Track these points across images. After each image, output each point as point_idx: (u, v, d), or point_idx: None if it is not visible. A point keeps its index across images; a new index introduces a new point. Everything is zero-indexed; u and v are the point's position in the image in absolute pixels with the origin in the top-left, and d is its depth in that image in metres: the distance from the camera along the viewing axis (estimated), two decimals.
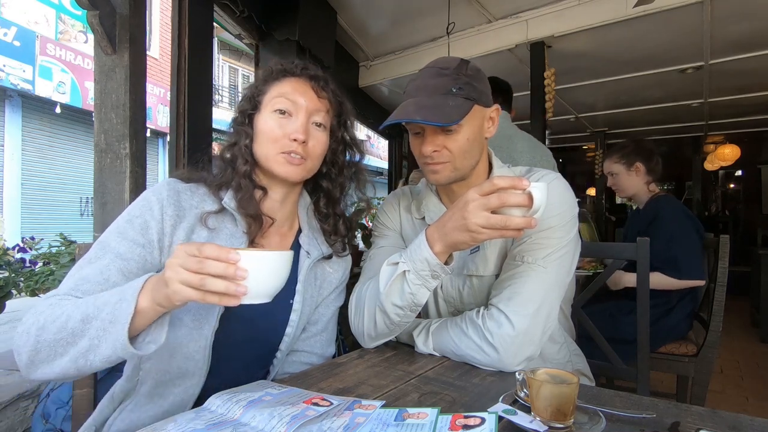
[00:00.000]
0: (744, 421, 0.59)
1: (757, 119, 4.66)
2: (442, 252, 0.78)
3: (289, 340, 0.87)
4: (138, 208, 0.78)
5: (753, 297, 4.33)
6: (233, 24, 2.36)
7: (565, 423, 0.56)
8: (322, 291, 0.95)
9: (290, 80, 0.86)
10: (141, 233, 0.76)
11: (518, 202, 0.68)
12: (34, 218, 7.24)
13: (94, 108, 1.51)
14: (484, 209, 0.70)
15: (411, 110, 0.83)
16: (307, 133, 0.84)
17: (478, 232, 0.71)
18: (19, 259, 1.68)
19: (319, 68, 0.91)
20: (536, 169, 0.97)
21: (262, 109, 0.86)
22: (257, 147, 0.85)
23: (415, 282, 0.80)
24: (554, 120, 3.16)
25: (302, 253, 0.91)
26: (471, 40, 2.99)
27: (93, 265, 0.72)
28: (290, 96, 0.84)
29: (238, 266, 0.56)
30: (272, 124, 0.83)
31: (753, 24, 2.54)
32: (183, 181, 0.84)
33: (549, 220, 0.87)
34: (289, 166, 0.83)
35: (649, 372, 1.23)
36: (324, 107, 0.88)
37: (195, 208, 0.82)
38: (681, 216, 1.88)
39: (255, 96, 0.87)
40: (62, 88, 7.27)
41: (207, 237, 0.81)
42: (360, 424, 0.57)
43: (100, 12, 1.39)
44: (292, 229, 0.95)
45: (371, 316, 0.89)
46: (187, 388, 0.78)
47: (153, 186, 0.83)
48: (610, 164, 2.12)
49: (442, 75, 0.87)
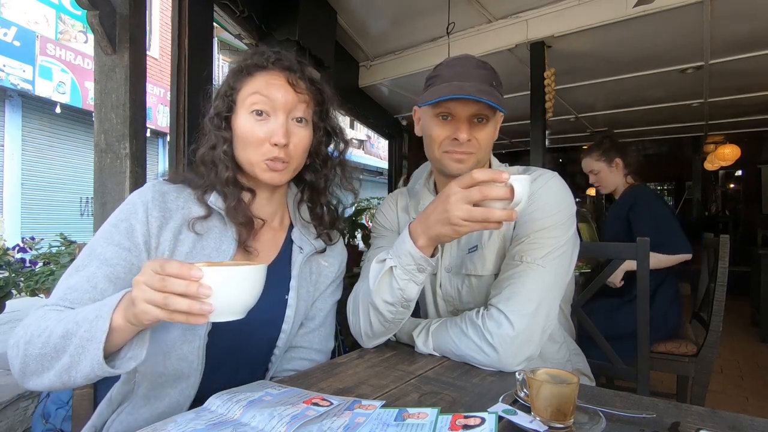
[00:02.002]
0: (744, 421, 0.59)
1: (757, 119, 4.65)
2: (426, 245, 0.79)
3: (286, 336, 0.87)
4: (123, 212, 0.77)
5: (753, 297, 4.33)
6: (233, 24, 2.36)
7: (565, 423, 0.56)
8: (318, 286, 0.94)
9: (263, 75, 0.81)
10: (127, 237, 0.75)
11: (499, 194, 0.69)
12: (34, 218, 7.24)
13: (94, 108, 1.51)
14: (465, 202, 0.70)
15: (471, 90, 0.81)
16: (288, 134, 0.80)
17: (459, 225, 0.72)
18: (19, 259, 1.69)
19: (292, 55, 0.85)
20: (533, 168, 0.97)
21: (238, 110, 0.82)
22: (238, 151, 0.82)
23: (402, 277, 0.81)
24: (554, 120, 3.16)
25: (294, 249, 0.90)
26: (471, 40, 2.98)
27: (80, 273, 0.72)
28: (265, 93, 0.79)
29: (201, 283, 0.53)
30: (250, 127, 0.80)
31: (753, 24, 2.54)
32: (168, 182, 0.83)
33: (547, 220, 0.87)
34: (273, 172, 0.81)
35: (649, 372, 1.23)
36: (303, 100, 0.83)
37: (181, 208, 0.81)
38: (658, 200, 1.99)
39: (228, 95, 0.83)
40: (62, 88, 7.26)
41: (194, 239, 0.80)
42: (360, 424, 0.57)
43: (100, 12, 1.39)
44: (283, 225, 0.94)
45: (366, 315, 0.89)
46: (183, 389, 0.78)
47: (138, 189, 0.82)
48: (590, 162, 2.18)
49: (483, 68, 0.88)
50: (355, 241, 2.83)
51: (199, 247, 0.80)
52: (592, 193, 7.12)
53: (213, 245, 0.81)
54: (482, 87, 0.84)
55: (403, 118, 4.55)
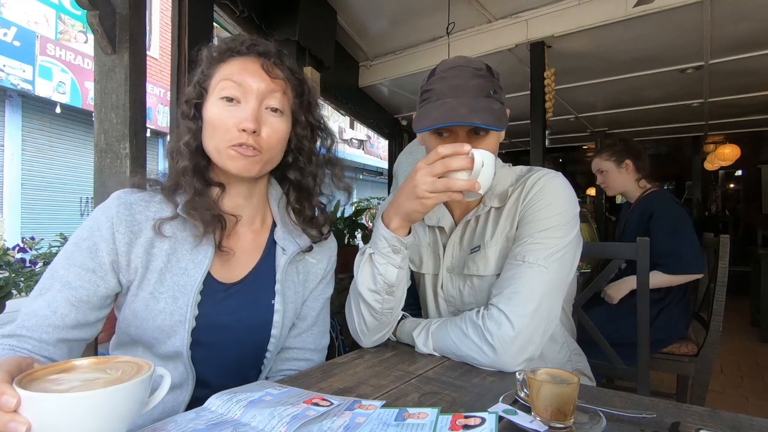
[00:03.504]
0: (744, 421, 0.59)
1: (757, 119, 4.65)
2: (400, 226, 0.83)
3: (276, 340, 0.84)
4: (86, 230, 0.73)
5: (753, 297, 4.33)
6: (233, 24, 2.36)
7: (566, 423, 0.56)
8: (307, 285, 0.90)
9: (237, 60, 0.76)
10: (90, 257, 0.71)
11: (461, 165, 0.73)
12: (34, 218, 7.24)
13: (94, 108, 1.51)
14: (430, 175, 0.75)
15: (464, 112, 0.79)
16: (259, 120, 0.74)
17: (425, 197, 0.76)
18: (19, 259, 1.69)
19: (271, 44, 0.80)
20: (537, 168, 0.96)
21: (209, 97, 0.76)
22: (206, 140, 0.76)
23: (380, 262, 0.84)
24: (554, 120, 3.16)
25: (278, 250, 0.85)
26: (471, 40, 2.98)
27: (42, 297, 0.69)
28: (236, 78, 0.74)
29: (16, 415, 0.42)
30: (218, 112, 0.74)
31: (753, 24, 2.54)
32: (137, 190, 0.78)
33: (550, 220, 0.86)
34: (241, 160, 0.74)
35: (649, 372, 1.23)
36: (279, 88, 0.77)
37: (151, 219, 0.75)
38: (680, 210, 1.91)
39: (200, 82, 0.77)
40: (62, 88, 7.26)
41: (170, 247, 0.75)
42: (360, 424, 0.57)
43: (100, 12, 1.39)
44: (265, 225, 0.88)
45: (358, 309, 0.89)
46: (178, 395, 0.77)
47: (102, 203, 0.76)
48: (600, 161, 2.16)
49: (479, 76, 0.85)
50: (355, 241, 2.82)
51: (174, 260, 0.76)
52: (593, 193, 7.12)
53: (189, 257, 0.76)
54: (477, 103, 0.81)
55: (403, 118, 4.55)
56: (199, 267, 0.77)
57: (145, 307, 0.75)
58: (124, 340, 0.81)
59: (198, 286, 0.76)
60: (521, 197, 0.91)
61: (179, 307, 0.75)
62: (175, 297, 0.75)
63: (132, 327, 0.76)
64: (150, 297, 0.75)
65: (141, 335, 0.76)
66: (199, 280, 0.76)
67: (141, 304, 0.75)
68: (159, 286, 0.75)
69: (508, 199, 0.93)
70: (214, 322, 0.78)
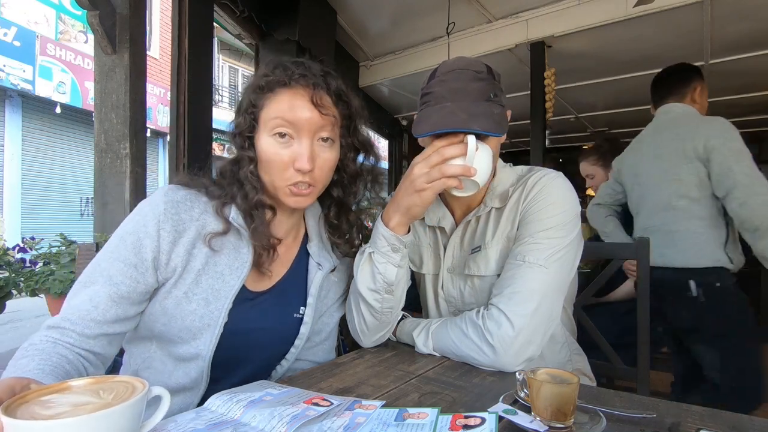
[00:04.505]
0: (744, 421, 0.59)
1: (757, 119, 4.66)
2: (400, 224, 0.83)
3: (296, 351, 0.85)
4: (132, 224, 0.74)
5: (753, 297, 4.33)
6: (233, 24, 2.36)
7: (566, 423, 0.56)
8: (326, 301, 0.93)
9: (285, 93, 0.76)
10: (134, 252, 0.72)
11: (455, 152, 0.75)
12: (34, 218, 7.25)
13: (94, 108, 1.51)
14: (426, 167, 0.77)
15: (463, 118, 0.78)
16: (313, 158, 0.76)
17: (423, 189, 0.77)
18: (19, 259, 1.69)
19: (317, 67, 0.81)
20: (538, 168, 0.96)
21: (261, 130, 0.78)
22: (262, 172, 0.79)
23: (380, 261, 0.84)
24: (554, 120, 3.16)
25: (312, 264, 0.88)
26: (471, 40, 2.99)
27: (86, 291, 0.71)
28: (288, 116, 0.75)
29: None
30: (274, 150, 0.76)
31: (753, 24, 2.54)
32: (182, 187, 0.79)
33: (550, 220, 0.86)
34: (297, 197, 0.78)
35: (649, 372, 1.23)
36: (329, 122, 0.78)
37: (195, 220, 0.76)
38: None
39: (250, 112, 0.79)
40: (62, 88, 7.27)
41: (207, 254, 0.76)
42: (360, 424, 0.57)
43: (100, 12, 1.39)
44: (297, 239, 0.91)
45: (358, 309, 0.90)
46: (187, 397, 0.78)
47: (150, 196, 0.77)
48: (586, 167, 2.09)
49: (479, 79, 0.83)
50: None
51: (212, 263, 0.77)
52: (592, 194, 7.12)
53: (226, 262, 0.78)
54: (477, 108, 0.80)
55: (403, 118, 4.55)
56: (236, 275, 0.78)
57: (177, 306, 0.75)
58: (143, 335, 0.80)
59: (234, 294, 0.77)
60: (522, 197, 0.91)
61: (210, 311, 0.76)
62: (207, 300, 0.76)
63: (158, 323, 0.76)
64: (183, 296, 0.75)
65: (165, 332, 0.76)
66: (237, 288, 0.77)
67: (173, 302, 0.75)
68: (194, 287, 0.76)
69: (509, 199, 0.93)
70: (239, 328, 0.78)
